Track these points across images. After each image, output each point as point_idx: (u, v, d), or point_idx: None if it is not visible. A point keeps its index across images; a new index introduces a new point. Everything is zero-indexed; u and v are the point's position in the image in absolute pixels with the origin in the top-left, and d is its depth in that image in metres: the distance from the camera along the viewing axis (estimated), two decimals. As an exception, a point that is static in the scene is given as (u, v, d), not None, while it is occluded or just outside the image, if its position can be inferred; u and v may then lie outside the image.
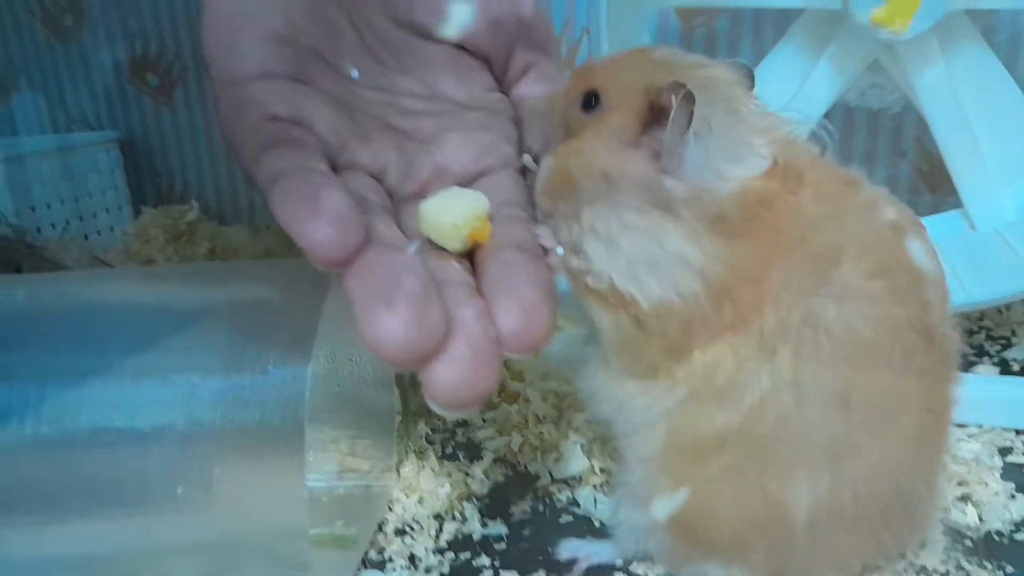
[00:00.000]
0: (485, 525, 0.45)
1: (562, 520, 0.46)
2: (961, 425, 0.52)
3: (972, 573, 0.40)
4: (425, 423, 0.54)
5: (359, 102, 0.39)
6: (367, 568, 0.43)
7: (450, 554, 0.43)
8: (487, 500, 0.48)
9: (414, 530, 0.45)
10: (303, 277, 0.31)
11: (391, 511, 0.47)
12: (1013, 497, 0.45)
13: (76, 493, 0.34)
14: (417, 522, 0.46)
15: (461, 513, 0.47)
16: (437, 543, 0.44)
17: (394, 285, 0.30)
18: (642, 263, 0.34)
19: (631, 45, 0.61)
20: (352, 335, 0.30)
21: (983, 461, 0.48)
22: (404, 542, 0.44)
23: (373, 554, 0.43)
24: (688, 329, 0.34)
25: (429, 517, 0.46)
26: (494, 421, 0.55)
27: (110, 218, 0.91)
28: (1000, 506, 0.44)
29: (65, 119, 0.96)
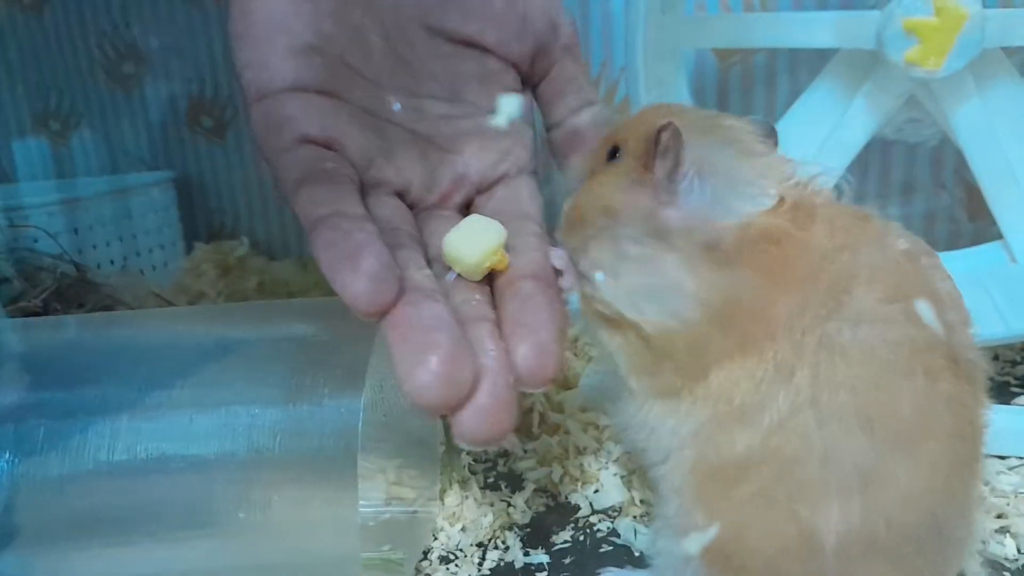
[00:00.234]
0: (527, 554, 0.46)
1: (602, 550, 0.47)
2: (1002, 457, 0.52)
3: (1013, 606, 0.40)
4: (468, 453, 0.55)
5: (384, 109, 0.41)
6: (413, 594, 0.44)
7: (493, 582, 0.44)
8: (529, 529, 0.49)
9: (458, 558, 0.46)
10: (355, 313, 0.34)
11: (435, 539, 0.48)
12: (1054, 530, 0.45)
13: (146, 518, 0.36)
14: (460, 550, 0.47)
15: (503, 542, 0.48)
16: (480, 571, 0.45)
17: (429, 342, 0.32)
18: (640, 291, 0.36)
19: (667, 84, 0.63)
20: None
21: (1022, 493, 0.48)
22: (448, 570, 0.45)
23: (419, 581, 0.45)
24: (696, 352, 0.35)
25: (472, 545, 0.47)
26: (535, 452, 0.56)
27: (164, 254, 0.94)
28: (1040, 539, 0.44)
29: (123, 159, 1.00)
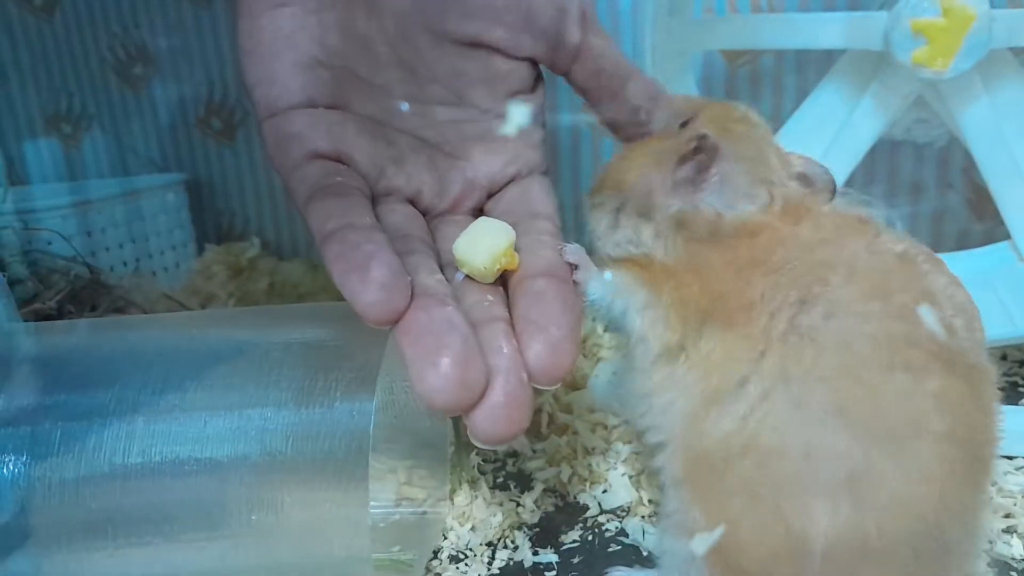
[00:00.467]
0: (536, 553, 0.47)
1: (611, 549, 0.47)
2: (1009, 457, 0.52)
3: (1020, 606, 0.40)
4: (477, 453, 0.56)
5: (392, 117, 0.42)
6: (423, 594, 0.44)
7: (502, 581, 0.44)
8: (538, 529, 0.49)
9: (467, 557, 0.47)
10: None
11: (445, 539, 0.49)
12: (1061, 530, 0.45)
13: (159, 519, 0.37)
14: (470, 549, 0.47)
15: (512, 542, 0.48)
16: (489, 570, 0.45)
17: (440, 346, 0.33)
18: (629, 246, 0.41)
19: (675, 85, 0.63)
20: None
21: (1030, 494, 0.48)
22: (458, 569, 0.46)
23: (429, 580, 0.45)
24: (684, 302, 0.38)
25: (482, 545, 0.48)
26: (544, 452, 0.56)
27: (176, 255, 0.95)
28: (1047, 539, 0.44)
29: (134, 161, 1.01)
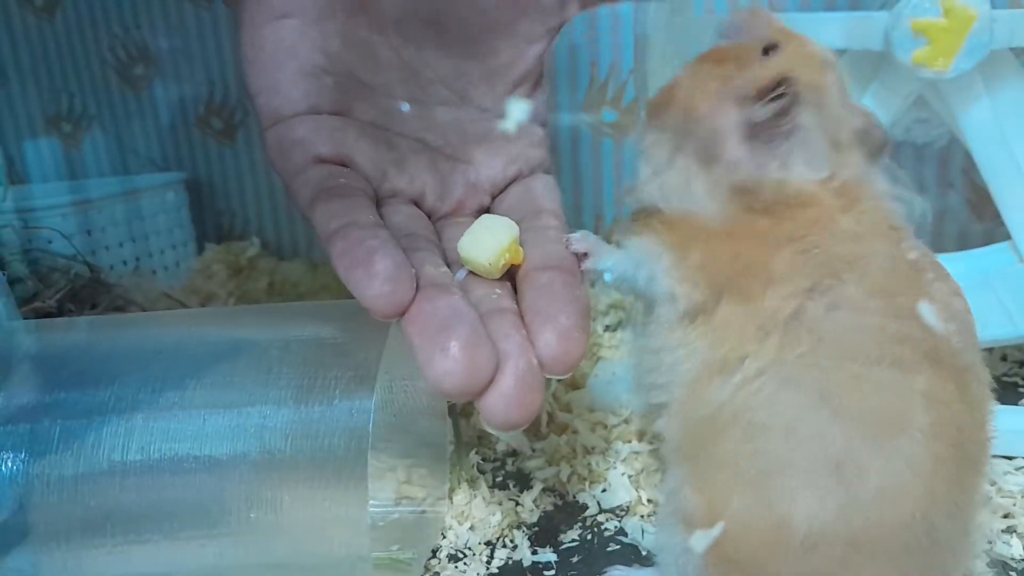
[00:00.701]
0: (535, 552, 0.47)
1: (610, 549, 0.47)
2: (1009, 457, 0.52)
3: (1019, 606, 0.40)
4: (476, 452, 0.56)
5: (394, 121, 0.42)
6: (422, 593, 0.44)
7: (501, 580, 0.44)
8: (536, 528, 0.49)
9: (466, 556, 0.47)
10: (366, 315, 0.34)
11: (444, 538, 0.49)
12: (1061, 530, 0.45)
13: (158, 517, 0.37)
14: (469, 549, 0.47)
15: (511, 541, 0.48)
16: (488, 569, 0.45)
17: (448, 331, 0.33)
18: (674, 195, 0.38)
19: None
20: (410, 367, 0.33)
21: (1030, 494, 0.48)
22: (457, 568, 0.46)
23: (428, 579, 0.45)
24: (712, 262, 0.37)
25: (480, 544, 0.48)
26: (543, 451, 0.56)
27: (176, 254, 0.95)
28: (1046, 539, 0.44)
29: (135, 161, 1.01)
